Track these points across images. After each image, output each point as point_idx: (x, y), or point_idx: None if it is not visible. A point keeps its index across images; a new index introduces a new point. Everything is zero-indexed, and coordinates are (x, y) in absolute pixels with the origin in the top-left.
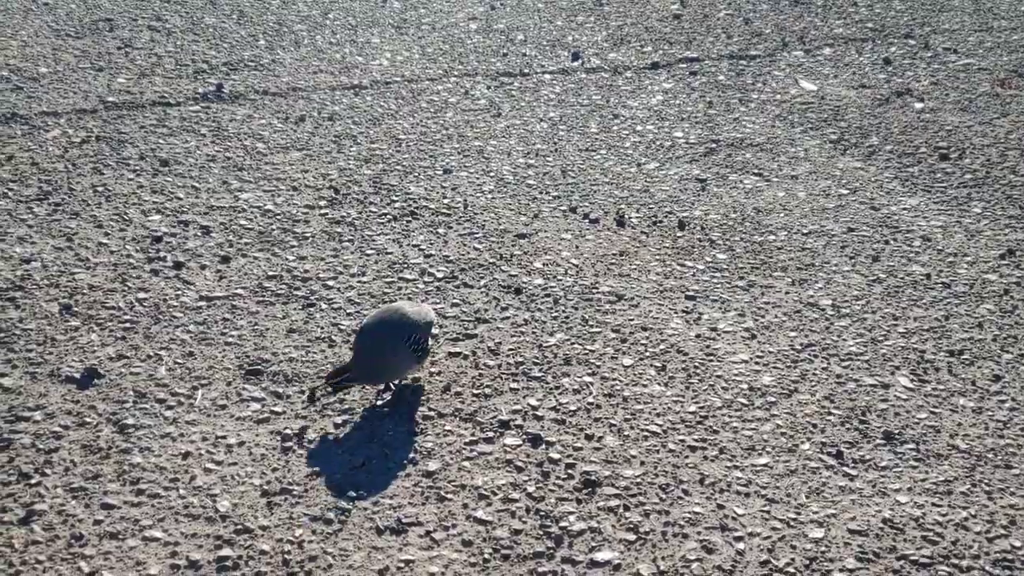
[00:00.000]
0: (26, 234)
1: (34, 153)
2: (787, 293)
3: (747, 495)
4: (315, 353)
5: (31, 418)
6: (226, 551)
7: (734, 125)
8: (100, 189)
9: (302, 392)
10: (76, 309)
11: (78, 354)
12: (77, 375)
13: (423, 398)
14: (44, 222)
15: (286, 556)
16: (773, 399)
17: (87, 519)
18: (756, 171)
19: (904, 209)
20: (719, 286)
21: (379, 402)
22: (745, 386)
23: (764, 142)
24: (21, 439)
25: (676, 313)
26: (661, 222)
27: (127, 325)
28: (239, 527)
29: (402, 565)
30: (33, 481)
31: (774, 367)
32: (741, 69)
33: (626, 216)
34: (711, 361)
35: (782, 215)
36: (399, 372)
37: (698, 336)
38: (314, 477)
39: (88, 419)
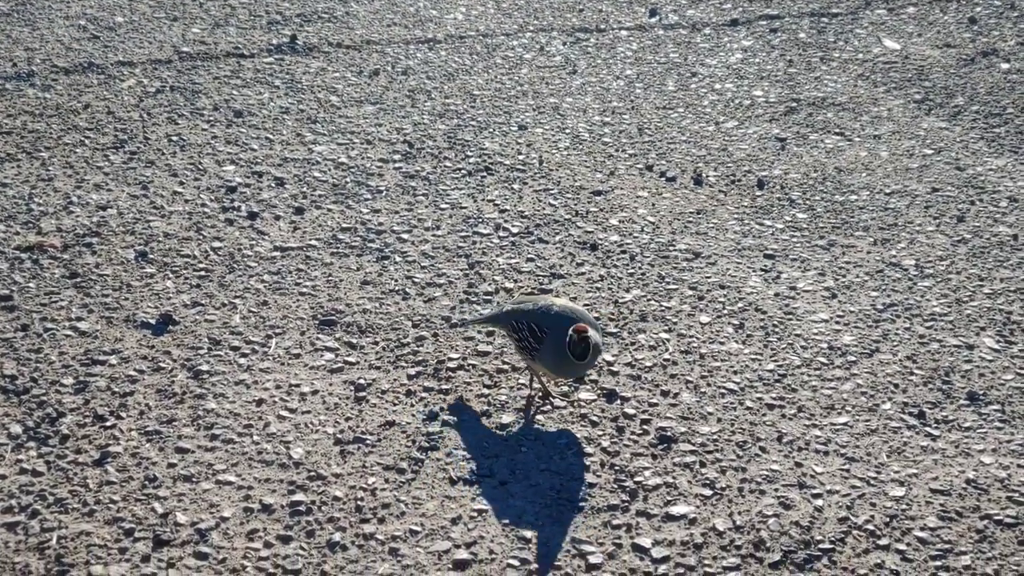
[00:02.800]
0: (102, 181)
1: (110, 102)
2: (869, 253)
3: (826, 453)
4: (389, 305)
5: (107, 362)
6: (299, 496)
7: (815, 84)
8: (175, 139)
9: (376, 343)
10: (152, 256)
11: (153, 300)
12: (152, 321)
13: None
14: (120, 170)
15: (359, 503)
16: (854, 358)
17: (161, 462)
18: (838, 130)
19: (990, 170)
20: (799, 245)
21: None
22: (825, 345)
23: (846, 101)
24: (97, 382)
25: (755, 271)
26: (739, 181)
27: (202, 273)
28: (312, 474)
29: (475, 514)
30: (108, 424)
31: (855, 327)
32: (823, 27)
33: (704, 174)
34: (790, 320)
35: (864, 175)
36: (590, 365)
37: (777, 295)
38: (387, 427)
39: (163, 364)
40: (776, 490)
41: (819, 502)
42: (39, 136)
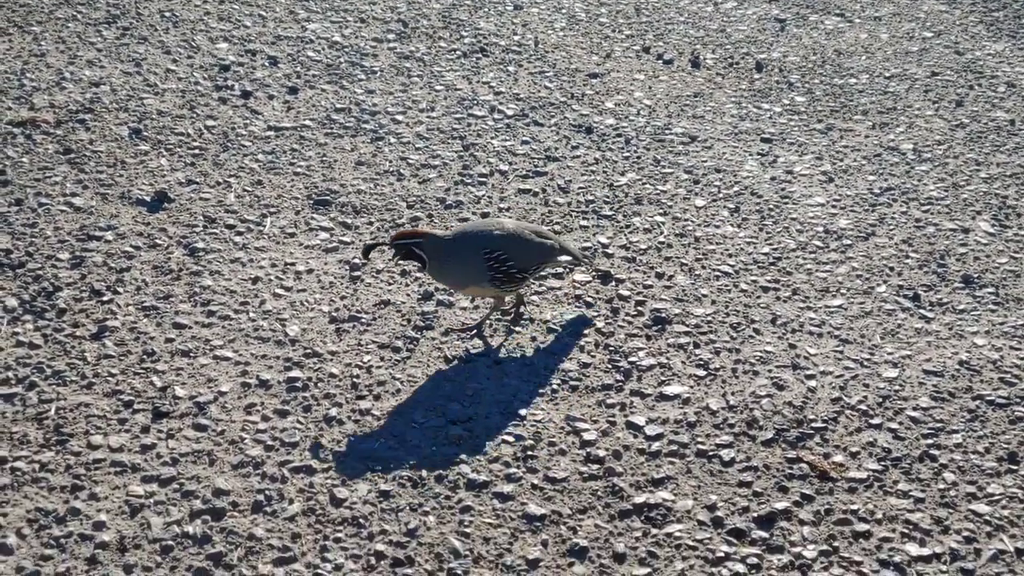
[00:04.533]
0: (95, 58)
1: None
2: (867, 137)
3: (820, 335)
4: (383, 186)
5: (102, 237)
6: (296, 372)
7: None
8: (167, 15)
9: (371, 224)
10: (145, 134)
11: (148, 177)
12: (147, 198)
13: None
14: (113, 46)
15: (355, 380)
16: (849, 242)
17: (159, 337)
18: (838, 11)
19: (989, 54)
20: (796, 129)
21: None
22: (821, 229)
23: None
24: (93, 257)
25: (751, 155)
26: (738, 63)
27: (196, 151)
28: (308, 351)
29: (470, 392)
30: (105, 298)
31: (851, 210)
32: None
33: (701, 57)
34: (786, 204)
35: (864, 58)
36: (464, 284)
37: (773, 179)
38: (382, 306)
39: (159, 241)
40: (770, 371)
41: (812, 383)
42: (30, 10)
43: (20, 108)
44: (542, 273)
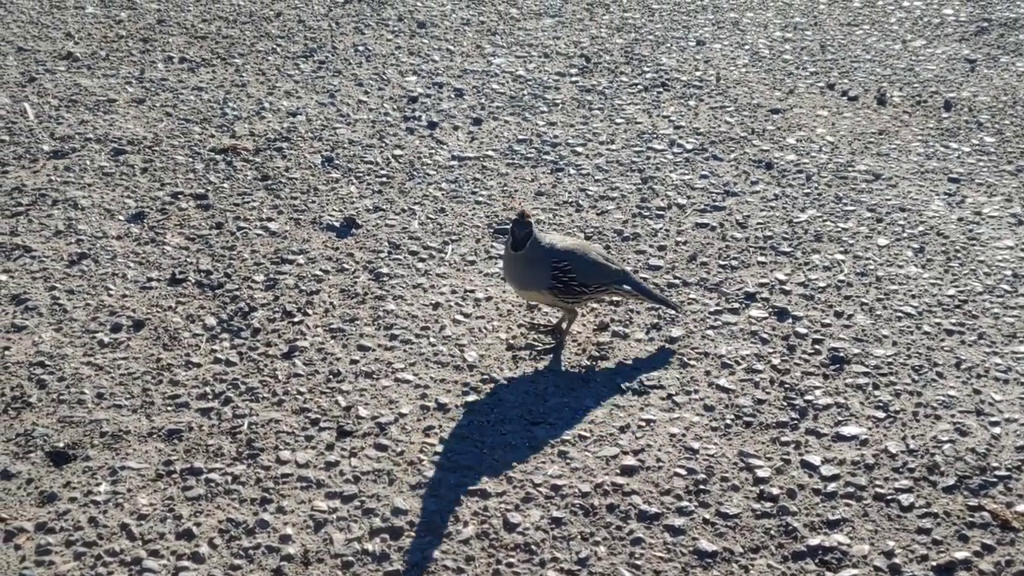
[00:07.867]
0: (292, 89)
1: (301, 11)
2: None
3: (1006, 382)
4: (562, 216)
5: (295, 261)
6: (472, 397)
7: (1008, 4)
8: (361, 49)
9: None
10: (337, 162)
11: (338, 204)
12: (337, 224)
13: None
14: (309, 78)
15: (530, 407)
16: None
17: (344, 358)
18: None
19: None
20: (985, 169)
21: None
22: (1009, 272)
23: None
24: (285, 280)
25: (938, 195)
26: (926, 102)
27: (383, 179)
28: (485, 377)
29: (643, 423)
30: (296, 320)
31: None
32: None
33: (888, 94)
34: (973, 245)
35: None
36: (526, 287)
37: (960, 219)
38: (559, 335)
39: (346, 266)
40: (952, 416)
41: (997, 430)
42: (233, 42)
43: (222, 136)
44: (603, 297)
